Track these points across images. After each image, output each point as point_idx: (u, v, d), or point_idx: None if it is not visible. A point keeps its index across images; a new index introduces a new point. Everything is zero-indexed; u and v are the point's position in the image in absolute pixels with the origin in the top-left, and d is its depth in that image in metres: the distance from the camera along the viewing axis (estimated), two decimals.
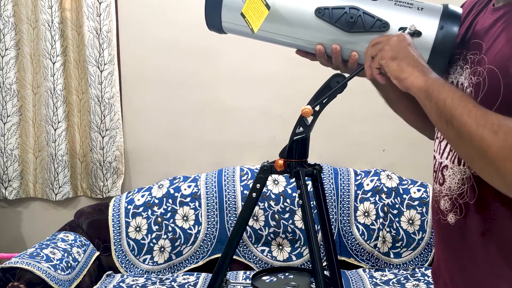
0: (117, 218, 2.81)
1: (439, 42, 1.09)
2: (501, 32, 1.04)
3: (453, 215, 1.14)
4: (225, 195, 2.82)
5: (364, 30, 1.13)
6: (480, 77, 1.06)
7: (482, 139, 0.92)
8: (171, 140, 3.06)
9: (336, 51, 1.17)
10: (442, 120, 0.99)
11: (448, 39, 1.09)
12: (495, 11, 1.10)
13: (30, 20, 2.92)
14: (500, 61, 1.02)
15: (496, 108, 1.01)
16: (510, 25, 1.03)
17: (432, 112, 1.01)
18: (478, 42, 1.10)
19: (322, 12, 1.15)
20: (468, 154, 0.98)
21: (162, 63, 2.99)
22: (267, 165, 1.38)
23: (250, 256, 2.80)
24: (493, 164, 0.92)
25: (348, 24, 1.14)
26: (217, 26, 1.27)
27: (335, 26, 1.15)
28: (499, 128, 0.91)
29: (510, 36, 1.02)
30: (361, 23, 1.13)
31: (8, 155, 2.99)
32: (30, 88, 2.97)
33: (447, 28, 1.09)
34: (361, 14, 1.13)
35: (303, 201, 1.32)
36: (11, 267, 2.32)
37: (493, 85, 1.03)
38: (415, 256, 2.79)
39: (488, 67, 1.05)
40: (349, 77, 1.20)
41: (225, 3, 1.21)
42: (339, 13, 1.14)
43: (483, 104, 1.02)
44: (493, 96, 1.02)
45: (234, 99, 3.01)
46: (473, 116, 0.94)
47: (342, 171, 2.89)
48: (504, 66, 1.00)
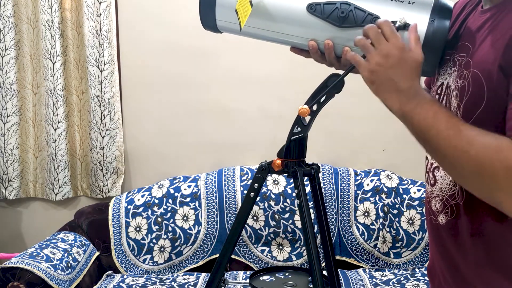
0: (117, 218, 2.81)
1: (430, 35, 1.09)
2: (487, 36, 1.04)
3: (444, 216, 1.14)
4: (225, 195, 2.82)
5: (355, 25, 1.14)
6: (465, 81, 1.07)
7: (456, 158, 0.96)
8: (171, 140, 3.06)
9: (329, 47, 1.17)
10: (421, 141, 1.04)
11: (439, 33, 1.09)
12: (483, 13, 1.10)
13: (30, 20, 2.92)
14: (484, 66, 1.02)
15: (480, 112, 1.02)
16: (495, 29, 1.03)
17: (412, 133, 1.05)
18: (466, 44, 1.10)
19: (313, 8, 1.16)
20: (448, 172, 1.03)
21: (162, 63, 2.99)
22: (265, 165, 1.38)
23: (250, 256, 2.80)
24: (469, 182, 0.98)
25: (340, 19, 1.14)
26: (212, 25, 1.27)
27: (327, 21, 1.15)
28: (470, 147, 0.95)
29: (494, 40, 1.01)
30: (353, 18, 1.14)
31: (8, 155, 2.99)
32: (30, 88, 2.97)
33: (438, 22, 1.09)
34: (352, 9, 1.13)
35: (301, 201, 1.32)
36: (11, 267, 2.32)
37: (477, 89, 1.03)
38: (415, 256, 2.79)
39: (472, 71, 1.05)
40: (343, 74, 1.20)
41: (219, 2, 1.22)
42: (331, 9, 1.15)
43: (467, 108, 1.04)
44: (477, 100, 1.03)
45: (234, 99, 3.01)
46: (445, 137, 0.97)
47: (342, 171, 2.89)
48: (487, 70, 1.00)
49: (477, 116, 1.03)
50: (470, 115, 1.05)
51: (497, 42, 1.00)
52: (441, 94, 1.16)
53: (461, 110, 1.07)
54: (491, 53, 1.00)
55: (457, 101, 1.08)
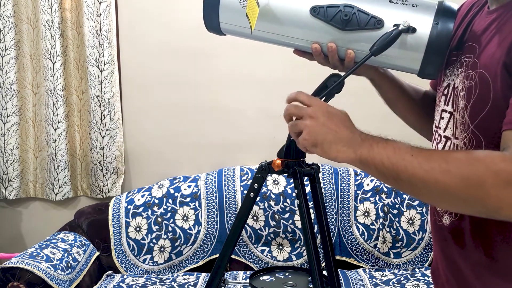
0: (117, 218, 2.81)
1: (434, 38, 1.09)
2: (493, 36, 1.04)
3: (448, 217, 1.14)
4: (225, 195, 2.82)
5: (359, 28, 1.13)
6: (472, 81, 1.06)
7: (437, 181, 0.93)
8: (171, 140, 3.06)
9: (332, 50, 1.17)
10: (390, 180, 1.00)
11: (443, 35, 1.08)
12: (489, 14, 1.10)
13: (30, 20, 2.92)
14: (490, 66, 1.01)
15: (487, 112, 1.01)
16: (502, 29, 1.03)
17: (377, 176, 1.02)
18: (473, 45, 1.10)
19: (317, 11, 1.15)
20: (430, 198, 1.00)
21: (162, 63, 2.99)
22: (265, 165, 1.37)
23: (250, 256, 2.80)
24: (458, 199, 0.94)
25: (343, 22, 1.14)
26: (216, 27, 1.26)
27: (330, 24, 1.15)
28: (448, 165, 0.93)
29: (500, 40, 1.01)
30: (356, 20, 1.13)
31: (8, 155, 2.99)
32: (30, 88, 2.97)
33: (442, 24, 1.08)
34: (356, 12, 1.13)
35: (301, 201, 1.32)
36: (11, 267, 2.32)
37: (483, 89, 1.03)
38: (415, 256, 2.79)
39: (479, 71, 1.04)
40: (344, 75, 1.20)
41: (222, 4, 1.21)
42: (334, 11, 1.14)
43: (474, 108, 1.03)
44: (484, 100, 1.02)
45: (234, 99, 3.01)
46: (417, 165, 0.95)
47: (342, 171, 2.89)
48: (494, 71, 1.00)
49: (483, 116, 1.03)
50: (476, 116, 1.04)
51: (503, 42, 1.00)
52: (448, 95, 1.16)
53: (468, 110, 1.07)
54: (497, 53, 1.00)
55: (465, 101, 1.08)
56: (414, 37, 1.10)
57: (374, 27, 1.12)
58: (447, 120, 1.16)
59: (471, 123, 1.06)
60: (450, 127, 1.14)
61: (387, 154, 0.99)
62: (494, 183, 0.89)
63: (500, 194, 0.89)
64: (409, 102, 1.37)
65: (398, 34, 1.09)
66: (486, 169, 0.90)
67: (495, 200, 0.89)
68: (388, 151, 0.99)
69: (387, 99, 1.38)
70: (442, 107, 1.19)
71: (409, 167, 0.96)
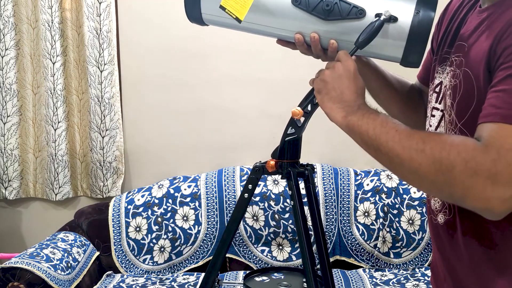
0: (117, 218, 2.82)
1: (416, 27, 1.09)
2: (481, 35, 1.04)
3: (442, 215, 1.15)
4: (225, 195, 2.82)
5: (341, 18, 1.13)
6: (457, 80, 1.07)
7: (411, 159, 0.95)
8: (171, 140, 3.06)
9: (315, 40, 1.17)
10: (371, 150, 1.03)
11: (424, 24, 1.09)
12: (480, 12, 1.10)
13: (30, 20, 2.92)
14: (474, 64, 1.02)
15: (472, 111, 1.01)
16: (489, 28, 1.03)
17: (360, 144, 1.05)
18: (462, 44, 1.10)
19: (299, 1, 1.16)
20: (403, 175, 1.00)
21: (162, 63, 2.99)
22: (259, 165, 1.37)
23: (250, 256, 2.80)
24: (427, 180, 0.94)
25: (325, 12, 1.14)
26: (198, 18, 1.27)
27: (312, 14, 1.15)
28: (424, 145, 0.94)
29: (486, 39, 1.01)
30: (338, 10, 1.13)
31: (8, 155, 3.00)
32: (30, 88, 2.98)
33: (423, 13, 1.09)
34: (337, 2, 1.13)
35: (294, 202, 1.31)
36: (11, 267, 2.32)
37: (468, 87, 1.03)
38: (415, 256, 2.78)
39: (464, 70, 1.05)
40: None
41: None
42: (316, 1, 1.14)
43: (460, 106, 1.03)
44: (469, 98, 1.03)
45: (234, 99, 3.00)
46: (397, 140, 0.97)
47: (342, 171, 2.88)
48: (477, 70, 1.01)
49: (470, 115, 1.03)
50: (463, 114, 1.05)
51: (487, 40, 1.00)
52: (439, 93, 1.16)
53: (454, 109, 1.07)
54: (481, 52, 1.00)
55: (451, 100, 1.09)
56: (396, 26, 1.11)
57: (356, 16, 1.12)
58: (438, 118, 1.16)
59: (458, 121, 1.07)
60: (442, 125, 1.14)
61: (374, 125, 1.02)
62: (461, 170, 0.89)
63: (466, 182, 0.89)
64: (392, 93, 1.37)
65: (381, 25, 1.10)
66: (457, 155, 0.90)
67: (461, 188, 0.90)
68: (376, 123, 1.02)
69: (370, 89, 1.36)
70: (433, 104, 1.19)
71: (390, 141, 0.98)
